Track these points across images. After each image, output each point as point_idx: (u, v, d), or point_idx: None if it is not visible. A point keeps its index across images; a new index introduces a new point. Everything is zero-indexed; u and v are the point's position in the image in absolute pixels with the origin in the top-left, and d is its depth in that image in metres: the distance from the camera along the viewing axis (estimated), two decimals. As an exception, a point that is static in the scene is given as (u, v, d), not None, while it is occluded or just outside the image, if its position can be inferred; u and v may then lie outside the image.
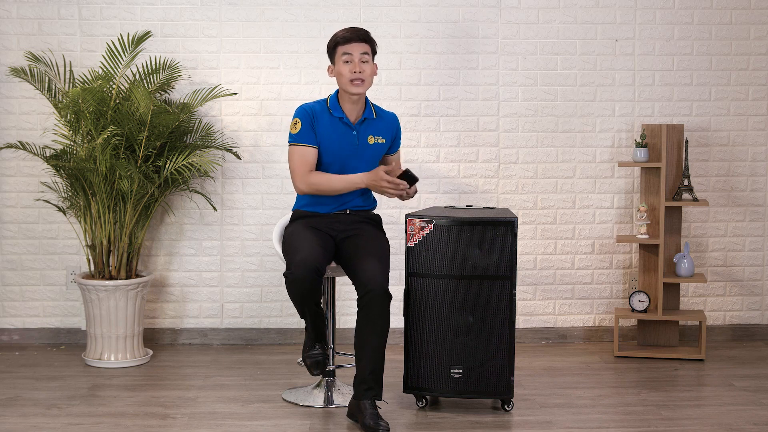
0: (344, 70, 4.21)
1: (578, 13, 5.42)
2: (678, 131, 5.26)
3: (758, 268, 5.57)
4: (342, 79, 4.22)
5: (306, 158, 4.22)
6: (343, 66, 4.21)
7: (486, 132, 5.44)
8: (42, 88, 5.11)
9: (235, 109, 5.36)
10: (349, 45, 4.21)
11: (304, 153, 4.23)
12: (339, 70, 4.22)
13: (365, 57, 4.22)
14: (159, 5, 5.30)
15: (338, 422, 4.16)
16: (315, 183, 4.20)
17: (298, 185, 4.23)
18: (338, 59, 4.23)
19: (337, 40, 4.23)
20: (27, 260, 5.38)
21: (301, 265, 4.00)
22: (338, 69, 4.23)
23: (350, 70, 4.19)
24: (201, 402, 4.40)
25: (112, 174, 4.87)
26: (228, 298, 5.44)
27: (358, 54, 4.20)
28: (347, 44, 4.21)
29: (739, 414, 4.27)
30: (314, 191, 4.22)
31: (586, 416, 4.24)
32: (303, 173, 4.21)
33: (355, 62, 4.20)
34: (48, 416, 4.19)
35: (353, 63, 4.20)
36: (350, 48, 4.21)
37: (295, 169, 4.23)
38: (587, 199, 5.49)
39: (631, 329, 5.52)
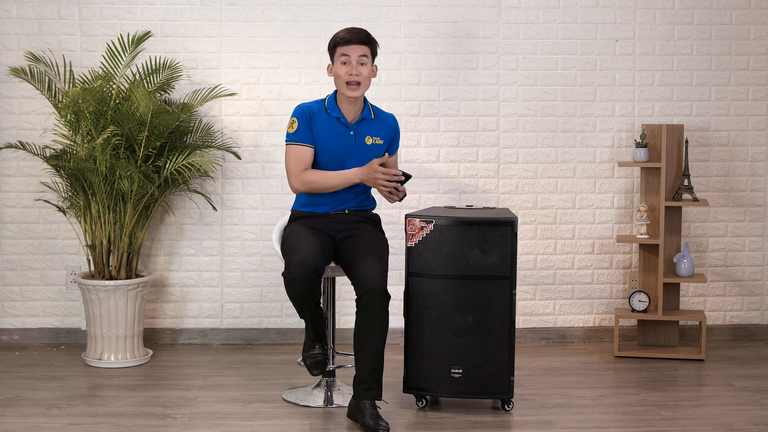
0: (341, 72, 4.21)
1: (578, 13, 5.42)
2: (678, 131, 5.26)
3: (758, 268, 5.57)
4: (338, 81, 4.23)
5: (302, 157, 4.23)
6: (340, 67, 4.21)
7: (486, 132, 5.44)
8: (42, 88, 5.11)
9: (235, 109, 5.36)
10: (347, 47, 4.21)
11: (300, 152, 4.24)
12: (336, 71, 4.23)
13: (363, 59, 4.22)
14: (159, 5, 5.30)
15: (338, 422, 4.16)
16: (309, 180, 4.21)
17: (293, 183, 4.25)
18: (336, 60, 4.23)
19: (337, 40, 4.24)
20: (27, 260, 5.38)
21: (300, 265, 4.00)
22: (336, 69, 4.23)
23: (347, 72, 4.20)
24: (201, 402, 4.40)
25: (112, 174, 4.87)
26: (228, 298, 5.44)
27: (356, 56, 4.20)
28: (346, 46, 4.21)
29: (739, 414, 4.27)
30: (309, 189, 4.23)
31: (586, 416, 4.24)
32: (298, 172, 4.22)
33: (352, 64, 4.20)
34: (48, 416, 4.19)
35: (350, 65, 4.20)
36: (349, 50, 4.21)
37: (291, 168, 4.25)
38: (587, 199, 5.49)
39: (631, 329, 5.52)
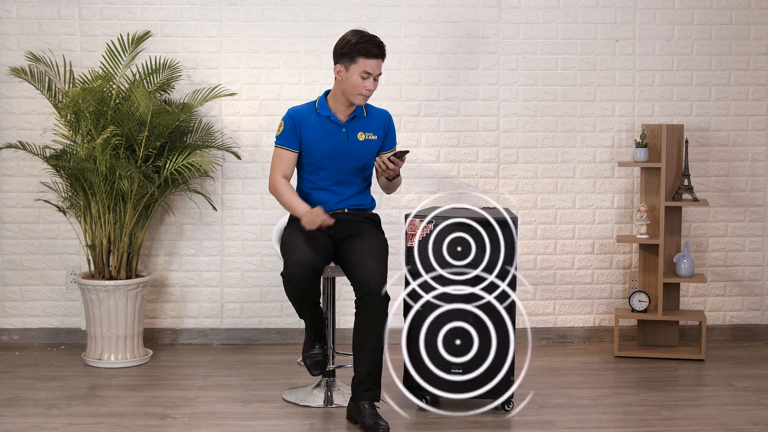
0: (358, 83, 4.16)
1: (578, 13, 5.42)
2: (678, 131, 5.26)
3: (758, 268, 5.57)
4: (351, 89, 4.19)
5: (282, 160, 4.30)
6: (358, 79, 4.16)
7: (486, 132, 5.44)
8: (42, 88, 5.12)
9: (235, 109, 5.36)
10: (372, 61, 4.15)
11: (281, 155, 4.30)
12: (350, 80, 4.17)
13: (379, 74, 4.21)
14: (159, 5, 5.30)
15: (338, 422, 4.16)
16: (278, 190, 4.29)
17: (269, 183, 4.35)
18: (355, 69, 4.15)
19: (361, 51, 4.15)
20: (27, 260, 5.38)
21: (298, 264, 4.01)
22: (351, 79, 4.17)
23: (365, 87, 4.17)
24: (201, 402, 4.41)
25: (112, 174, 4.87)
26: (228, 298, 5.44)
27: (377, 72, 4.18)
28: (371, 59, 4.15)
29: (739, 414, 4.27)
30: (274, 195, 4.34)
31: (586, 416, 4.24)
32: (275, 174, 4.31)
33: (371, 80, 4.18)
34: (48, 416, 4.19)
35: (370, 80, 4.18)
36: (372, 66, 4.16)
37: (271, 168, 4.34)
38: (587, 199, 5.49)
39: (631, 329, 5.52)
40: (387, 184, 4.37)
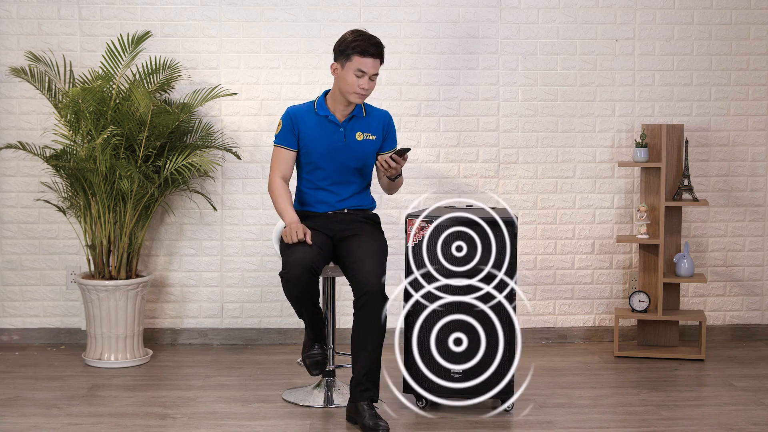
0: (352, 82, 4.16)
1: (578, 13, 5.42)
2: (678, 131, 5.26)
3: (758, 268, 5.57)
4: (346, 87, 4.19)
5: (280, 159, 4.32)
6: (352, 77, 4.16)
7: (486, 132, 5.44)
8: (42, 88, 5.12)
9: (235, 109, 5.36)
10: (367, 60, 4.15)
11: (279, 154, 4.32)
12: (346, 78, 4.18)
13: (375, 74, 4.21)
14: (159, 5, 5.30)
15: (338, 422, 4.16)
16: (272, 191, 4.31)
17: (268, 182, 4.36)
18: (350, 67, 4.16)
19: (356, 49, 4.16)
20: (27, 260, 5.38)
21: (296, 264, 4.00)
22: (346, 76, 4.18)
23: (359, 85, 4.17)
24: (201, 402, 4.41)
25: (112, 174, 4.87)
26: (228, 298, 5.44)
27: (372, 72, 4.18)
28: (366, 58, 4.15)
29: (739, 414, 4.27)
30: (270, 196, 4.36)
31: (586, 416, 4.24)
32: (273, 174, 4.32)
33: (366, 79, 4.18)
34: (48, 416, 4.19)
35: (364, 79, 4.18)
36: (367, 65, 4.16)
37: (271, 167, 4.35)
38: (587, 199, 5.49)
39: (631, 329, 5.52)
40: (389, 184, 4.37)
